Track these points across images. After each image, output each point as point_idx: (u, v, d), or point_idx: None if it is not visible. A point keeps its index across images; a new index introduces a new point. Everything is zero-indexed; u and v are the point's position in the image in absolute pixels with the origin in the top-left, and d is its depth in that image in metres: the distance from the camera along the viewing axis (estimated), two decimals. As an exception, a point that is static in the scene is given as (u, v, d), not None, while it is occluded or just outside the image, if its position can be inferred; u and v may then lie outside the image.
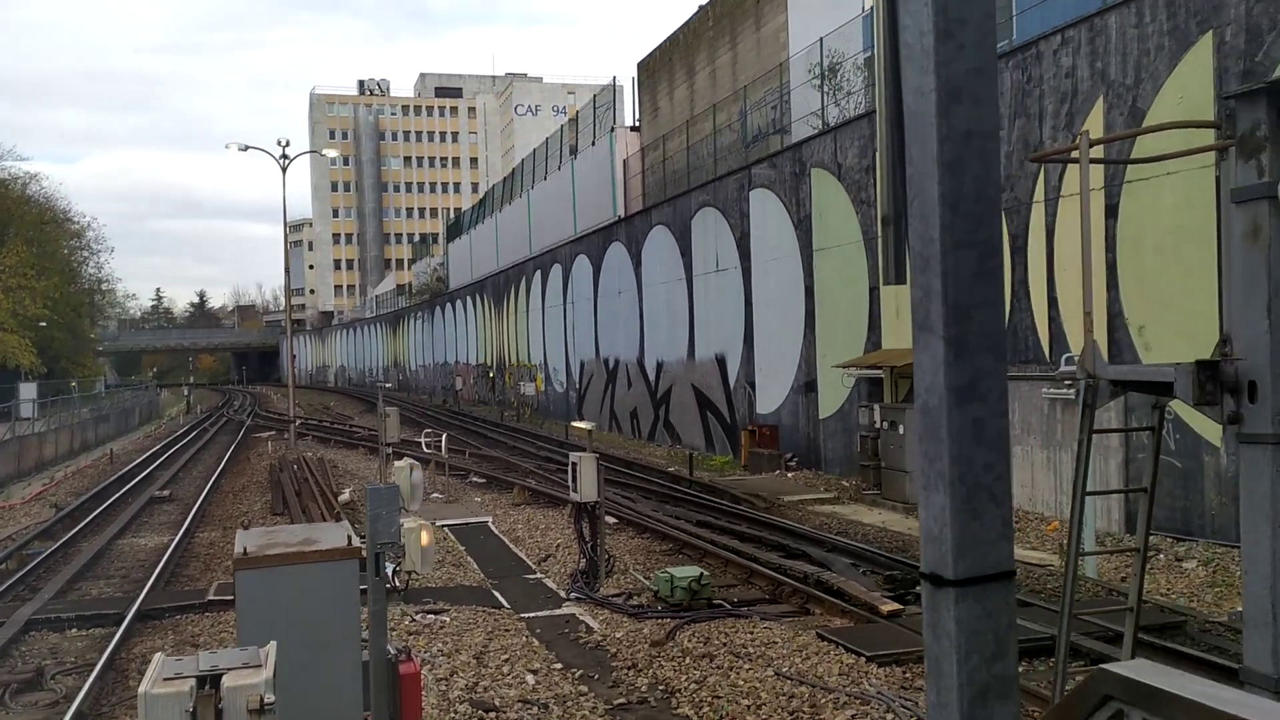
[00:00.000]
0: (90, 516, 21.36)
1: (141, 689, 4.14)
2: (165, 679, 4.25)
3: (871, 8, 29.24)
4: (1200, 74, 13.96)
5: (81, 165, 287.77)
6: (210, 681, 4.28)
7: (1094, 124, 15.58)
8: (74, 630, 12.47)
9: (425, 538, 5.67)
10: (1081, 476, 4.93)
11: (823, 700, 8.76)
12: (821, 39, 27.49)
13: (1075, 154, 5.12)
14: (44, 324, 57.82)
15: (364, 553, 6.10)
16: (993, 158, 1.79)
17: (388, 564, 6.04)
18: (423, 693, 7.18)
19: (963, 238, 1.77)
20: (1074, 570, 4.84)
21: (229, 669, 4.33)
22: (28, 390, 49.54)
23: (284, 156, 36.59)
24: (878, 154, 1.99)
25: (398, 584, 12.13)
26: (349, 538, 6.51)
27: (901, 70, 1.81)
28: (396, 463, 6.18)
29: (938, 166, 1.76)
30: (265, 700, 4.19)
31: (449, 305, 67.39)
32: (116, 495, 24.68)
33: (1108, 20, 15.56)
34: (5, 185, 64.58)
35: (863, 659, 9.72)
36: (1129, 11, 15.16)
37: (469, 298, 62.01)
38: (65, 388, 54.53)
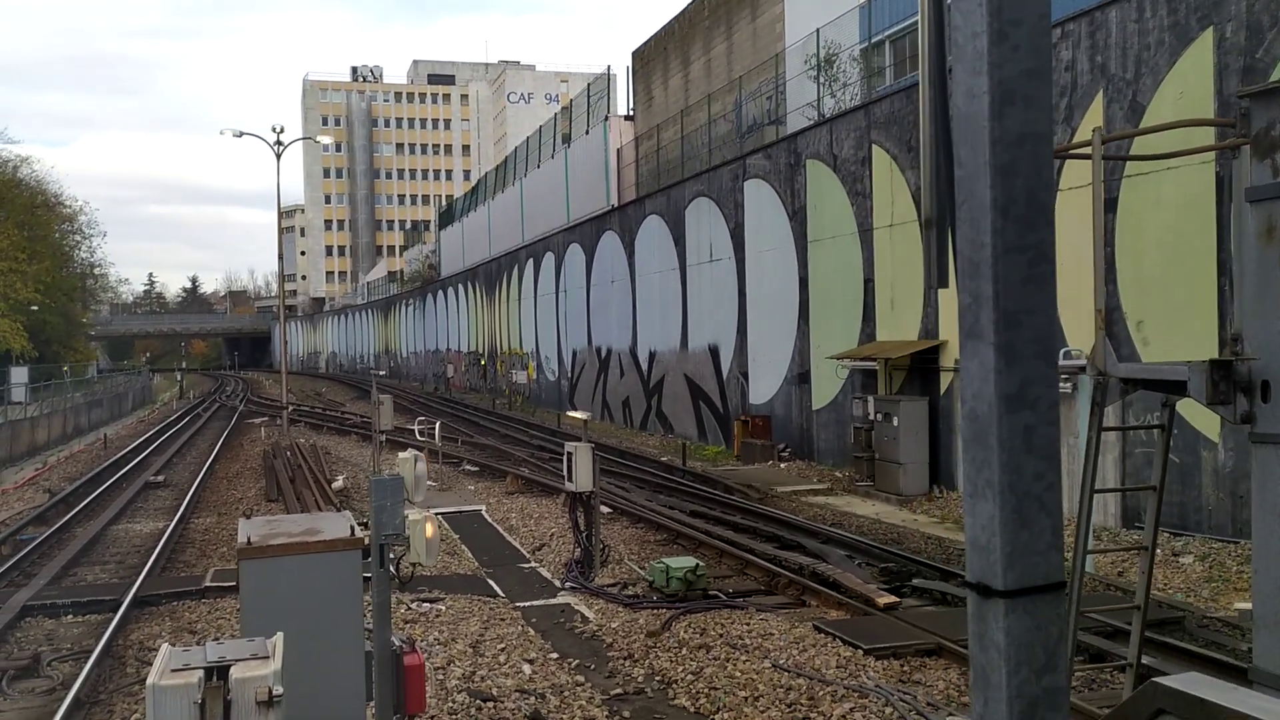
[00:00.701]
0: (85, 501, 21.27)
1: (150, 680, 4.11)
2: (173, 670, 4.22)
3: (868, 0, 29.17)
4: (1200, 70, 13.96)
5: (73, 149, 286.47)
6: (218, 673, 4.26)
7: (1094, 118, 15.58)
8: (70, 616, 12.41)
9: (430, 529, 5.65)
10: (1090, 474, 4.94)
11: (821, 693, 8.77)
12: (818, 30, 27.42)
13: (1086, 149, 5.12)
14: (35, 308, 57.52)
15: (367, 543, 6.09)
16: (1045, 161, 1.76)
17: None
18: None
19: (1013, 243, 1.74)
20: (1081, 568, 4.83)
21: (237, 660, 4.30)
22: (19, 374, 49.24)
23: (278, 143, 36.40)
24: (920, 155, 1.95)
25: (400, 575, 12.13)
26: (352, 528, 6.49)
27: (950, 71, 1.78)
28: (400, 454, 6.15)
29: (990, 170, 1.73)
30: (274, 692, 4.17)
31: (441, 292, 67.22)
32: (111, 480, 24.58)
33: (1108, 14, 15.54)
34: (-5, 168, 64.14)
35: (860, 651, 9.73)
36: (1129, 6, 15.14)
37: (461, 285, 61.86)
38: (57, 372, 54.29)
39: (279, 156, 36.88)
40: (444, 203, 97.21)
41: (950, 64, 1.83)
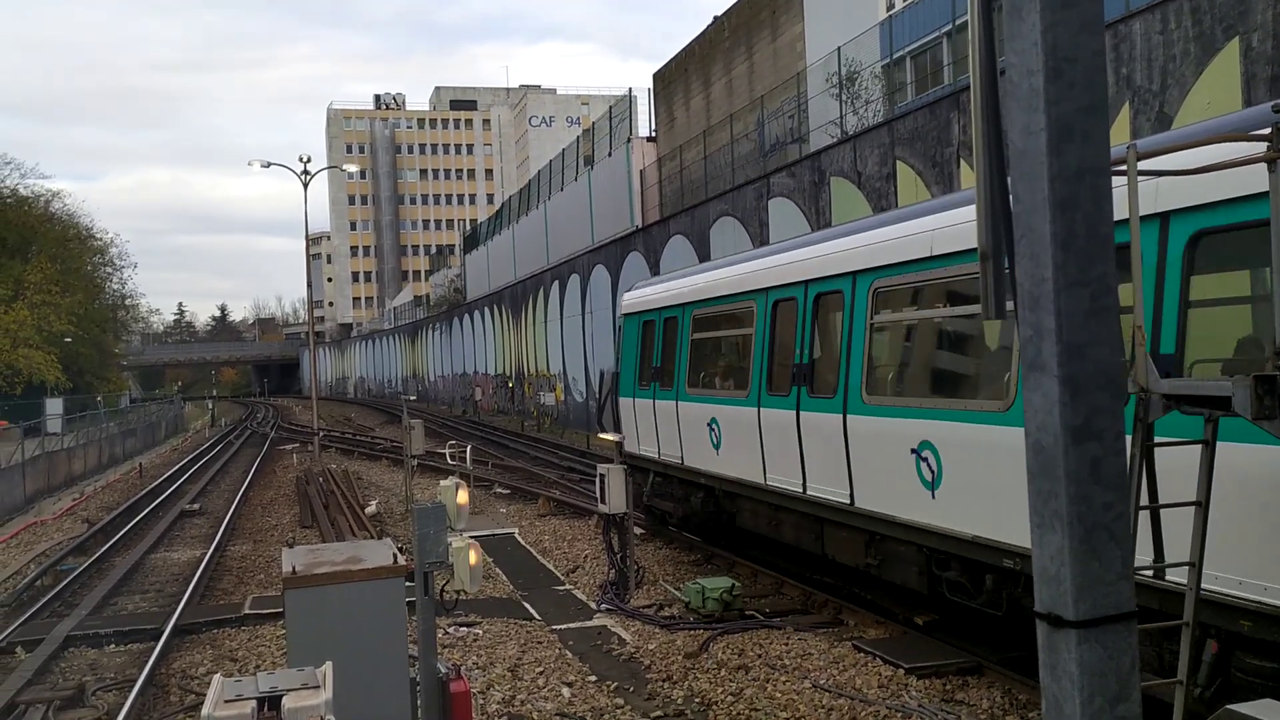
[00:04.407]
0: (122, 531, 21.50)
1: (204, 711, 4.17)
2: (226, 701, 4.29)
3: (889, 15, 29.25)
4: (1228, 80, 13.90)
5: (103, 182, 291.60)
6: (270, 703, 4.32)
7: (1120, 130, 15.53)
8: (112, 646, 12.52)
9: (473, 557, 5.70)
10: (1135, 491, 4.91)
11: (863, 713, 8.72)
12: (839, 48, 27.51)
13: (1120, 165, 5.14)
14: (69, 340, 58.34)
15: (411, 570, 6.14)
16: (1104, 194, 1.77)
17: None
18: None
19: (1075, 276, 1.76)
20: (1130, 587, 4.78)
21: (289, 690, 4.36)
22: (54, 405, 49.92)
23: (305, 173, 36.84)
24: (976, 189, 1.98)
25: (444, 601, 12.20)
26: (394, 556, 6.56)
27: (1004, 108, 1.80)
28: (442, 481, 6.21)
29: (1049, 205, 1.75)
30: (326, 722, 4.22)
31: (467, 316, 67.61)
32: (147, 510, 24.83)
33: (1132, 26, 15.51)
34: (28, 203, 65.29)
35: (901, 670, 9.66)
36: (1154, 17, 15.11)
37: (487, 308, 62.19)
38: (91, 402, 54.97)
39: (306, 186, 37.32)
40: (468, 227, 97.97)
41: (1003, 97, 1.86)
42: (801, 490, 11.35)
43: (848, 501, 10.39)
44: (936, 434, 8.77)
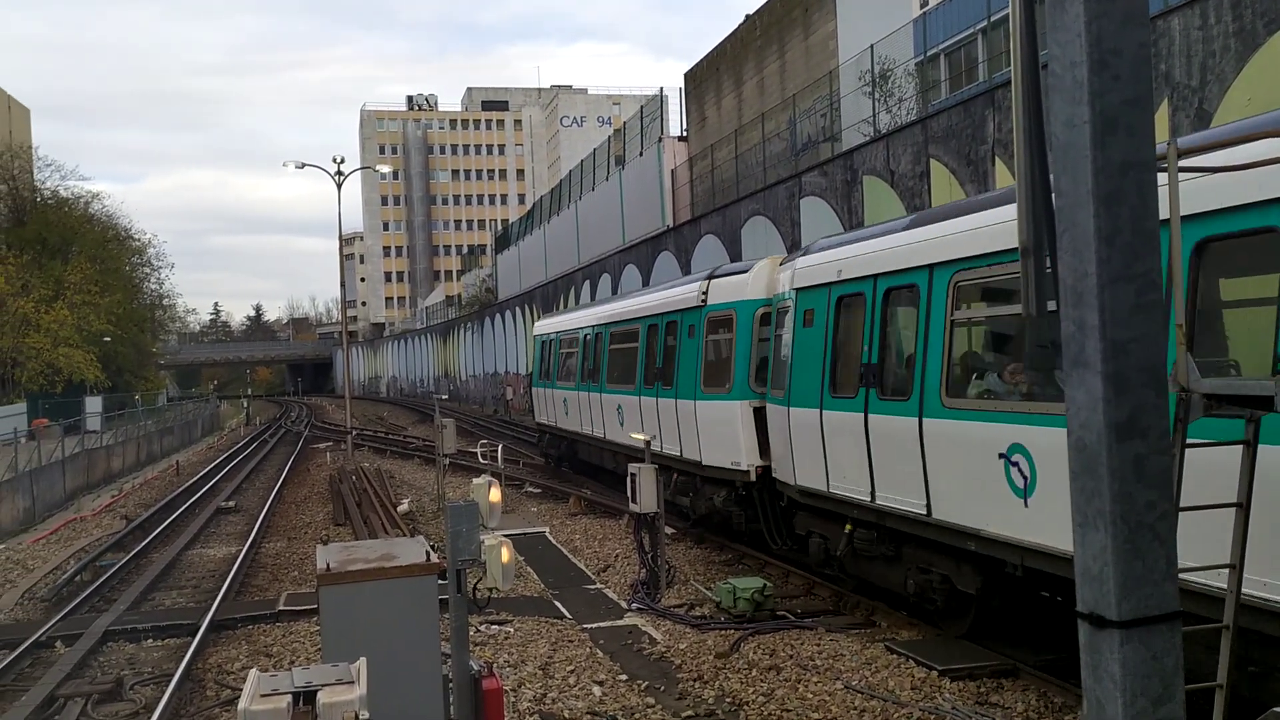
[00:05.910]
0: (160, 528, 21.78)
1: (241, 705, 4.23)
2: (263, 695, 4.33)
3: (923, 12, 29.04)
4: (1269, 75, 13.67)
5: (142, 184, 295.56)
6: (305, 698, 4.36)
7: (1159, 127, 15.33)
8: (150, 640, 12.70)
9: (505, 554, 5.72)
10: (1175, 492, 4.83)
11: (896, 715, 8.66)
12: (872, 46, 27.32)
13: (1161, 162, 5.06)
14: (108, 339, 59.17)
15: (443, 568, 6.17)
16: (1150, 189, 1.74)
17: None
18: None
19: (1120, 271, 1.73)
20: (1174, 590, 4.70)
21: (324, 685, 4.40)
22: (94, 404, 50.70)
23: (339, 174, 37.15)
24: (1016, 184, 1.97)
25: (476, 599, 12.24)
26: (427, 553, 6.59)
27: (1046, 101, 1.78)
28: (475, 479, 6.24)
29: (1093, 199, 1.72)
30: (360, 716, 4.26)
31: (498, 316, 67.85)
32: (184, 507, 25.16)
33: (1171, 22, 15.29)
34: (68, 204, 66.35)
35: (934, 672, 9.58)
36: (1193, 13, 14.89)
37: (518, 308, 62.38)
38: (129, 401, 55.74)
39: (339, 186, 37.63)
40: (500, 227, 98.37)
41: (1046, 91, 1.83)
42: (592, 433, 22.34)
43: (603, 436, 20.97)
44: (621, 401, 19.44)
